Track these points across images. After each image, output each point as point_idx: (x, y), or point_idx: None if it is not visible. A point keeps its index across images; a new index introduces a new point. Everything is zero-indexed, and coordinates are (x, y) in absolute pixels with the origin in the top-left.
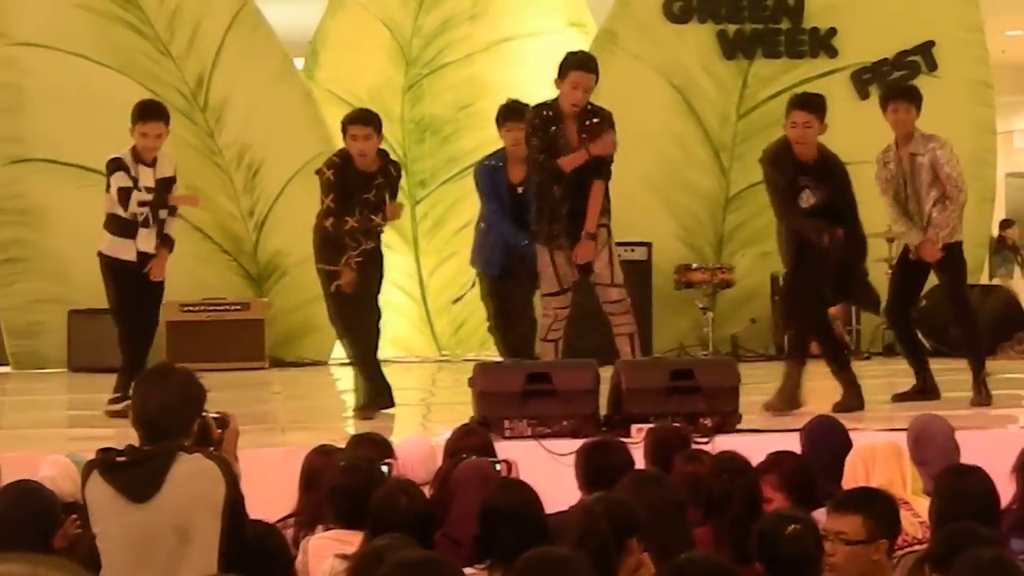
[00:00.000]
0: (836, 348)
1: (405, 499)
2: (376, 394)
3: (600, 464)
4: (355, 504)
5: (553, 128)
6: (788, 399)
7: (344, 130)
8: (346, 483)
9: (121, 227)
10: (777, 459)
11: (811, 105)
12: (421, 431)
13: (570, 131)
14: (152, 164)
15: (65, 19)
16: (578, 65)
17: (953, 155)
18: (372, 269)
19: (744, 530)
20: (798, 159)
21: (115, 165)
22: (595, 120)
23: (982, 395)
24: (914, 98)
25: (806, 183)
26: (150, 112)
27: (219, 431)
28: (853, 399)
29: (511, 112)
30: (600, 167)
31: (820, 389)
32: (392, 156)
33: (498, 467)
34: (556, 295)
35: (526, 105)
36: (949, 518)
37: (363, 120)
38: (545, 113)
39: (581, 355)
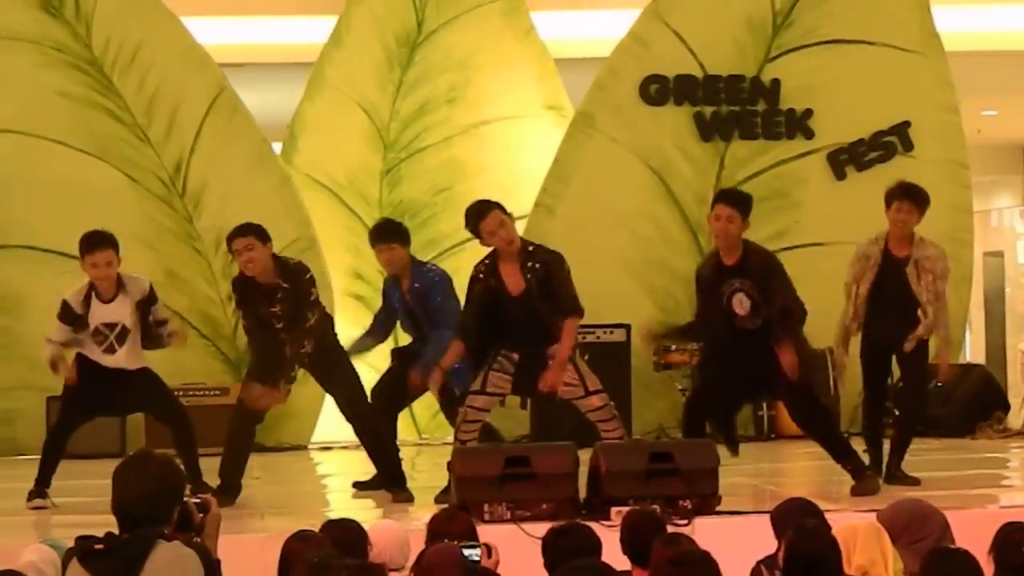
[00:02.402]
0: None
1: None
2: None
3: (565, 548)
4: None
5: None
6: None
7: (229, 249)
8: None
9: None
10: None
11: (734, 200)
12: (402, 515)
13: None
14: (112, 299)
15: (43, 105)
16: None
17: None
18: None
19: None
20: (723, 263)
21: (60, 312)
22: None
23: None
24: (922, 202)
25: (738, 286)
26: (95, 242)
27: (201, 516)
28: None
29: (378, 233)
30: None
31: (797, 470)
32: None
33: (476, 552)
34: (478, 395)
35: (399, 224)
36: None
37: (240, 232)
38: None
39: (560, 438)
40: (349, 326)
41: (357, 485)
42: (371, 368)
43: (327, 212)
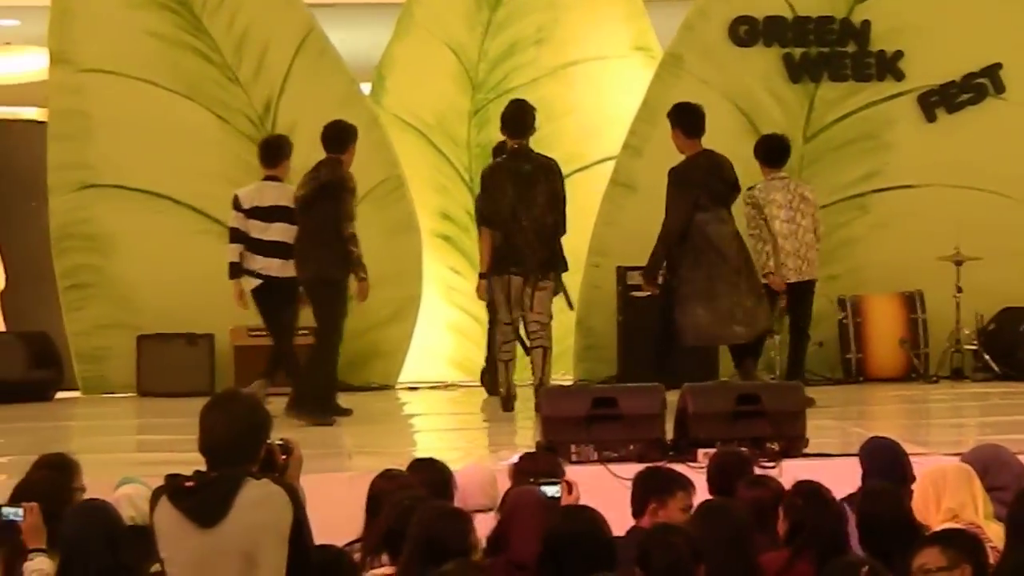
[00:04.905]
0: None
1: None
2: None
3: (655, 489)
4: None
5: None
6: None
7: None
8: (401, 527)
9: None
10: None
11: None
12: (488, 456)
13: None
14: None
15: (133, 45)
16: None
17: None
18: None
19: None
20: None
21: None
22: None
23: None
24: None
25: None
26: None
27: (284, 457)
28: None
29: None
30: None
31: (885, 413)
32: (460, 180)
33: (556, 488)
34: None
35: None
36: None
37: None
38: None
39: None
40: (438, 266)
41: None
42: (454, 306)
43: (415, 153)
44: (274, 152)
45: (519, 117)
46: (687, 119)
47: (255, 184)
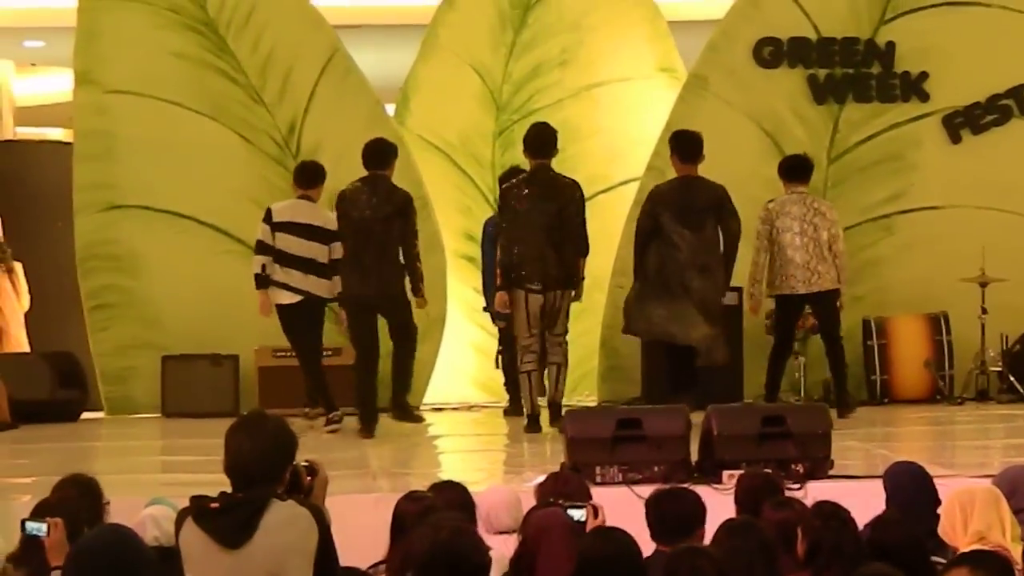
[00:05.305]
0: None
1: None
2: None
3: (669, 512)
4: None
5: None
6: None
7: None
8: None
9: None
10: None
11: None
12: (512, 477)
13: None
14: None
15: (158, 66)
16: None
17: None
18: None
19: None
20: None
21: None
22: None
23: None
24: None
25: None
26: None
27: (309, 479)
28: None
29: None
30: None
31: (910, 435)
32: (484, 201)
33: (582, 512)
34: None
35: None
36: None
37: None
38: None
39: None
40: (461, 286)
41: None
42: (478, 326)
43: (439, 173)
44: (311, 175)
45: (541, 138)
46: (683, 145)
47: (290, 201)
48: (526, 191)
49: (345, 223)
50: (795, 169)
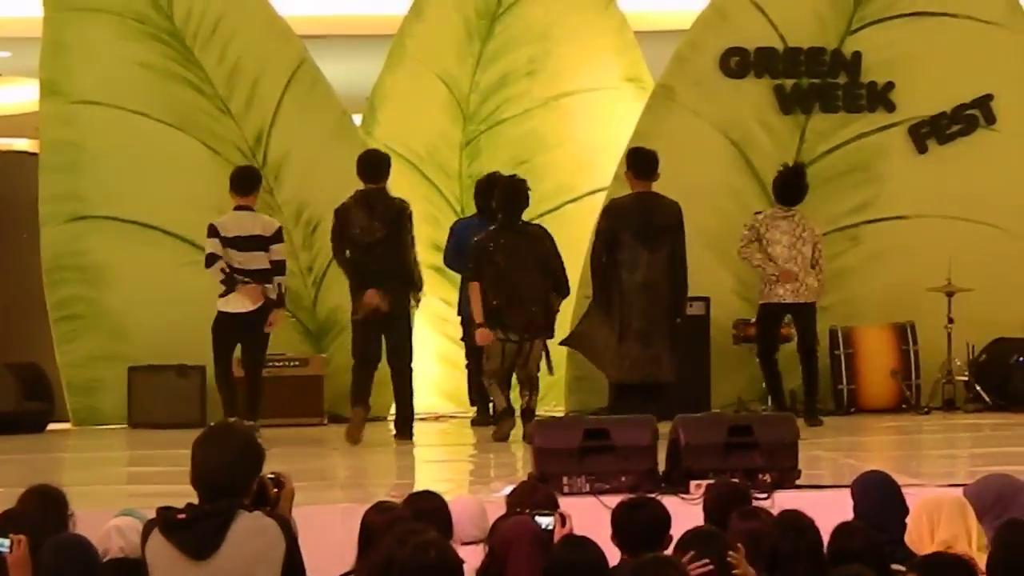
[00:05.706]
0: None
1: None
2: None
3: (635, 522)
4: None
5: None
6: None
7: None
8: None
9: None
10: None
11: None
12: (479, 488)
13: None
14: None
15: (124, 77)
16: None
17: None
18: None
19: None
20: None
21: None
22: None
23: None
24: None
25: None
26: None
27: (275, 491)
28: None
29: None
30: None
31: (877, 444)
32: (451, 211)
33: (550, 520)
34: None
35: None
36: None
37: None
38: None
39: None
40: (428, 297)
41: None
42: (445, 336)
43: (406, 184)
44: (248, 182)
45: (516, 198)
46: (639, 162)
47: (230, 214)
48: (502, 241)
49: (345, 239)
50: (790, 192)
